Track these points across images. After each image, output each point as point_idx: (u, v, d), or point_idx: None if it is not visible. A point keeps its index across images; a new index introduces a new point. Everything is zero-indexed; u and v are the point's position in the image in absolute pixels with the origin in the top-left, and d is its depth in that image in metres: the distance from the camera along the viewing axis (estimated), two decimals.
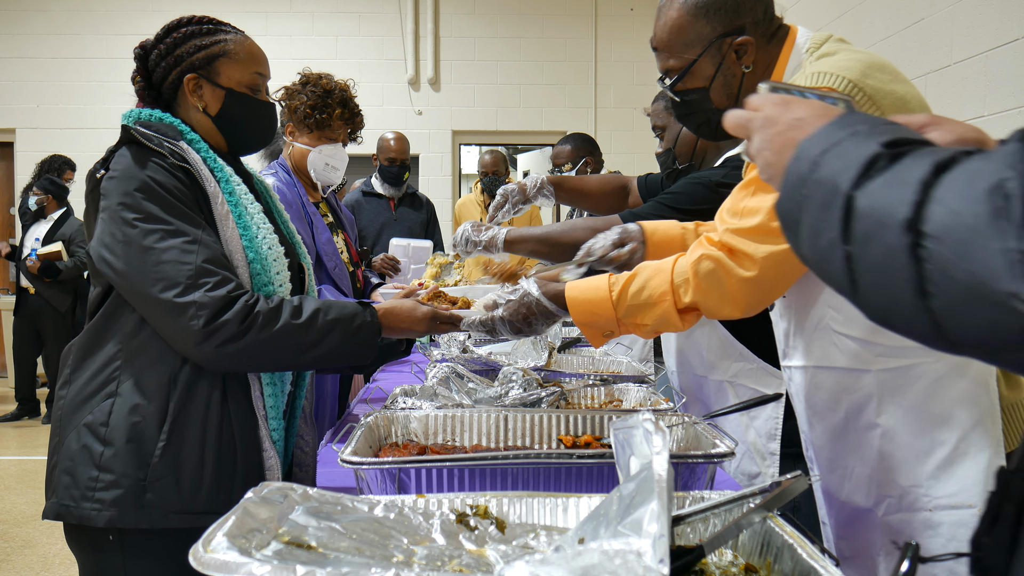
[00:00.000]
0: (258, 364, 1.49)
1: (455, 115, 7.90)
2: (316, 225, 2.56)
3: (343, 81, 2.63)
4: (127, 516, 1.40)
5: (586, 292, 1.51)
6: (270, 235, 1.54)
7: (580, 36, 7.91)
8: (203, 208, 1.47)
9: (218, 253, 1.44)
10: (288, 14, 7.74)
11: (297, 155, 2.61)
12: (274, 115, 1.69)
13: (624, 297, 1.46)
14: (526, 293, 1.57)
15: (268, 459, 1.51)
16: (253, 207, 1.54)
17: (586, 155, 3.69)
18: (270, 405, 1.53)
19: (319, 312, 1.49)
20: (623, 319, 1.48)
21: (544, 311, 1.55)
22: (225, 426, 1.47)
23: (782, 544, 0.95)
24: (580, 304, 1.51)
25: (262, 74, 1.63)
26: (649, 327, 1.47)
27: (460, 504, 1.06)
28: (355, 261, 2.78)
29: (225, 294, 1.41)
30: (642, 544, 0.74)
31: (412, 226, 4.52)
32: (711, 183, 1.99)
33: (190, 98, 1.58)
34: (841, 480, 1.41)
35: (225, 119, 1.60)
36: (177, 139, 1.50)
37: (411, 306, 1.64)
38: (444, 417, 1.63)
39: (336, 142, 2.60)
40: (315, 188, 2.68)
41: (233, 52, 1.58)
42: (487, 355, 2.41)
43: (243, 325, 1.41)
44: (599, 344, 1.56)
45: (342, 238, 2.73)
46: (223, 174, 1.52)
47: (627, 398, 1.99)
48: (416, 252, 4.14)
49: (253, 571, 0.77)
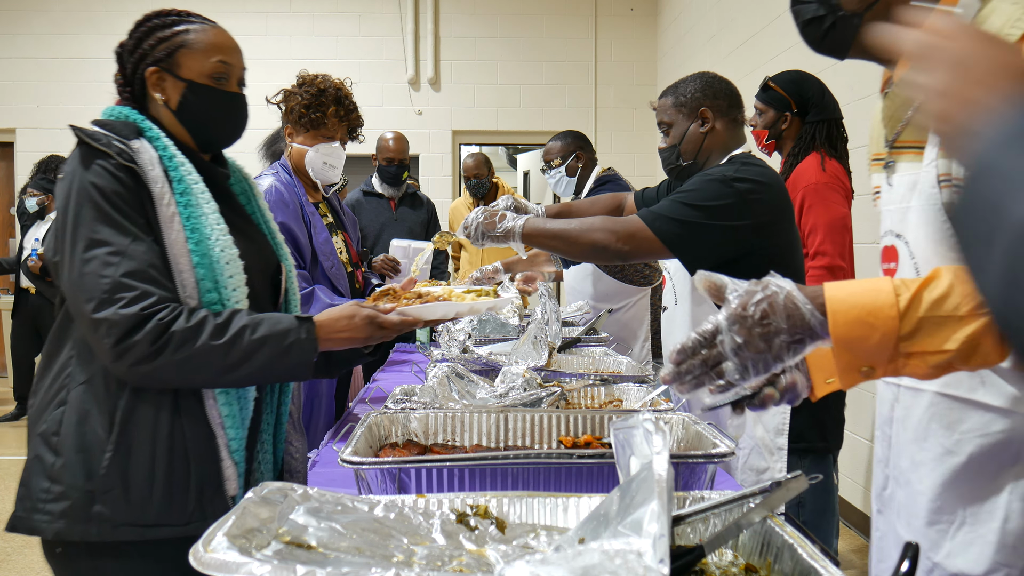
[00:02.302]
0: (178, 383, 1.41)
1: (455, 115, 7.90)
2: (314, 226, 2.56)
3: (338, 80, 2.62)
4: (75, 528, 1.36)
5: (857, 294, 1.01)
6: (223, 237, 1.45)
7: (580, 36, 7.91)
8: (148, 211, 1.41)
9: (145, 264, 1.37)
10: (288, 14, 7.73)
11: (296, 155, 2.62)
12: (242, 106, 1.60)
13: (917, 305, 1.00)
14: (769, 283, 1.02)
15: (226, 470, 1.45)
16: (209, 207, 1.46)
17: (576, 150, 3.66)
18: (226, 414, 1.45)
19: (245, 330, 1.40)
20: (907, 340, 1.00)
21: (794, 314, 1.00)
22: (176, 436, 1.41)
23: (782, 544, 0.95)
24: (847, 309, 1.00)
25: (226, 62, 1.54)
26: (947, 357, 0.99)
27: (460, 504, 1.06)
28: (355, 262, 2.77)
29: (137, 311, 1.33)
30: (642, 544, 0.74)
31: (412, 226, 4.52)
32: (725, 178, 1.98)
33: (152, 92, 1.52)
34: (941, 536, 1.17)
35: (185, 112, 1.53)
36: (131, 137, 1.44)
37: (350, 312, 1.52)
38: (444, 417, 1.63)
39: (333, 140, 2.60)
40: (316, 188, 2.69)
41: (193, 42, 1.52)
42: (487, 355, 2.41)
43: (154, 346, 1.34)
44: (850, 384, 1.05)
45: (342, 238, 2.73)
46: (177, 173, 1.45)
47: (627, 398, 1.99)
48: (416, 253, 4.14)
49: (253, 571, 0.77)
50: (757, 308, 1.00)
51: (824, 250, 2.66)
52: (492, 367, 2.31)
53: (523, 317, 3.25)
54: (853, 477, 3.87)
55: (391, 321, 1.54)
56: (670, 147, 2.22)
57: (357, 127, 2.68)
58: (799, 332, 0.99)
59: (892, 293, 1.00)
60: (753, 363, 0.99)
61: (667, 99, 2.22)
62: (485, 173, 5.07)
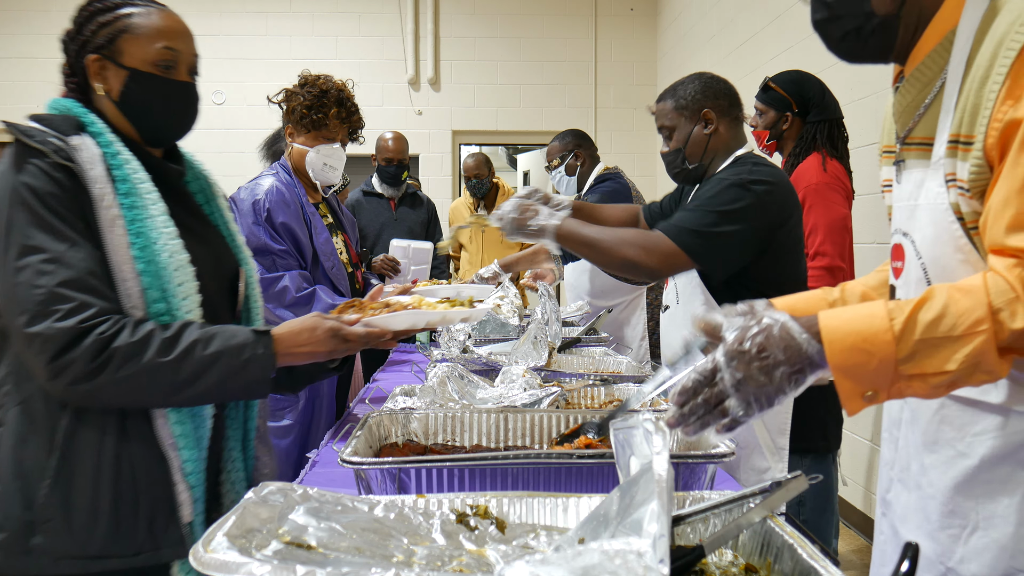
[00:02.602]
0: (122, 403, 1.30)
1: (455, 115, 7.90)
2: (315, 226, 2.57)
3: (340, 81, 2.61)
4: (12, 562, 1.26)
5: (852, 321, 1.02)
6: (172, 241, 1.34)
7: (580, 36, 7.90)
8: (88, 214, 1.30)
9: (83, 272, 1.25)
10: (288, 14, 7.73)
11: (296, 156, 2.61)
12: (192, 97, 1.47)
13: (912, 329, 0.99)
14: (764, 316, 1.03)
15: (179, 494, 1.34)
16: (156, 208, 1.34)
17: (574, 148, 3.67)
18: (179, 434, 1.34)
19: (197, 345, 1.29)
20: (906, 363, 0.99)
21: (791, 344, 1.00)
22: (123, 459, 1.30)
23: (782, 544, 0.95)
24: (842, 337, 1.00)
25: (173, 48, 1.42)
26: (949, 377, 1.00)
27: (460, 504, 1.06)
28: (355, 262, 2.78)
29: (74, 325, 1.22)
30: (642, 544, 0.74)
31: (412, 226, 4.52)
32: (742, 182, 1.98)
33: (93, 81, 1.41)
34: (953, 542, 1.15)
35: (128, 103, 1.41)
36: (69, 133, 1.32)
37: (312, 324, 1.41)
38: (444, 417, 1.63)
39: (333, 142, 2.59)
40: (315, 189, 2.69)
41: (136, 27, 1.39)
42: (487, 355, 2.41)
43: (94, 363, 1.22)
44: (855, 409, 1.04)
45: (342, 239, 2.73)
46: (121, 172, 1.33)
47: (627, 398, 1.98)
48: (416, 253, 4.15)
49: (253, 571, 0.77)
50: (753, 342, 1.01)
51: (824, 250, 2.67)
52: (492, 367, 2.31)
53: (523, 317, 3.25)
54: (853, 477, 3.87)
55: (356, 333, 1.45)
56: (674, 151, 2.20)
57: (358, 129, 2.67)
58: (798, 363, 1.00)
59: (886, 318, 1.00)
60: (756, 397, 1.00)
61: (667, 103, 2.20)
62: (486, 173, 5.07)
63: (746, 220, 1.96)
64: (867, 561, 3.55)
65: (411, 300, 1.72)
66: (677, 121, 2.19)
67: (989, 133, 1.05)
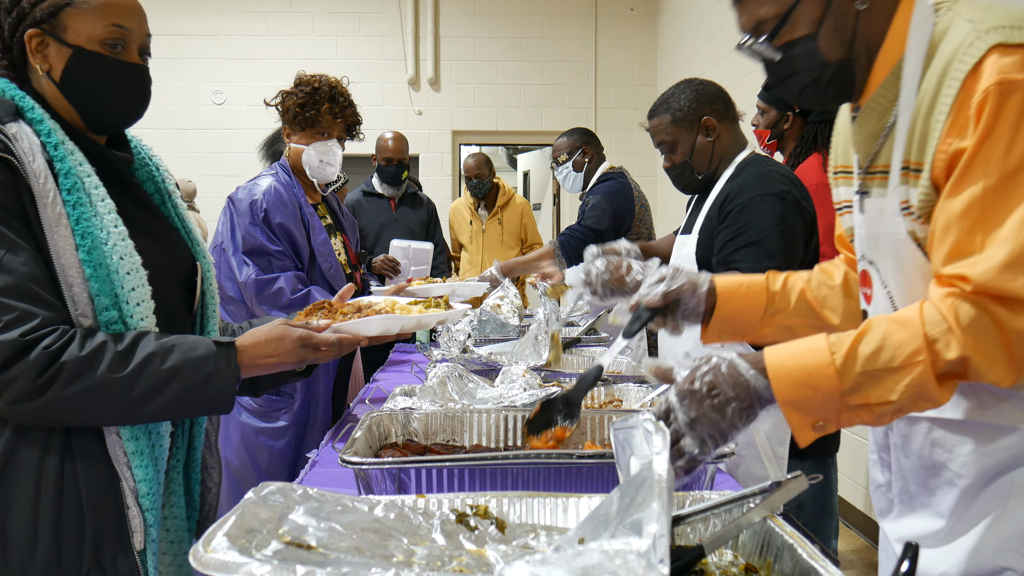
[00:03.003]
0: (71, 422, 1.19)
1: (455, 115, 7.90)
2: (313, 226, 2.56)
3: (334, 78, 2.60)
4: None
5: (795, 356, 1.05)
6: (122, 242, 1.22)
7: (580, 36, 7.90)
8: (29, 211, 1.18)
9: (24, 278, 1.14)
10: (288, 14, 7.73)
11: (293, 155, 2.60)
12: (142, 79, 1.34)
13: (853, 361, 1.03)
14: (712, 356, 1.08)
15: (132, 519, 1.23)
16: (104, 205, 1.23)
17: (582, 145, 3.68)
18: (132, 451, 1.23)
19: (154, 358, 1.18)
20: (850, 395, 1.03)
21: (739, 381, 1.04)
22: (67, 480, 1.19)
23: (782, 544, 0.95)
24: (787, 373, 1.04)
25: (122, 27, 1.28)
26: (893, 406, 1.03)
27: (460, 504, 1.06)
28: (353, 263, 2.77)
29: (16, 337, 1.11)
30: (642, 544, 0.74)
31: (412, 226, 4.52)
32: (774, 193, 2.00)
33: (32, 59, 1.27)
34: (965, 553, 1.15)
35: (71, 85, 1.27)
36: (6, 120, 1.20)
37: (279, 334, 1.31)
38: (444, 417, 1.63)
39: (328, 138, 2.56)
40: (315, 189, 2.69)
41: (82, 1, 1.26)
42: (487, 355, 2.41)
43: (39, 380, 1.12)
44: (806, 441, 1.06)
45: (340, 240, 2.73)
46: (64, 164, 1.21)
47: (627, 398, 1.98)
48: (416, 254, 4.15)
49: (253, 571, 0.77)
50: (703, 381, 1.05)
51: (823, 251, 2.67)
52: (492, 367, 2.31)
53: (523, 317, 3.25)
54: (853, 477, 3.87)
55: (325, 340, 1.35)
56: (681, 164, 2.18)
57: (355, 124, 2.64)
58: (748, 398, 1.04)
59: (827, 352, 1.04)
60: (710, 435, 1.04)
61: (662, 117, 2.18)
62: (487, 173, 5.08)
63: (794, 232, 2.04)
64: (867, 561, 3.55)
65: (383, 302, 1.64)
66: (677, 134, 2.16)
67: (935, 163, 1.06)
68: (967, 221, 1.02)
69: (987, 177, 1.01)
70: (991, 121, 1.00)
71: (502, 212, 5.19)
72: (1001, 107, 1.00)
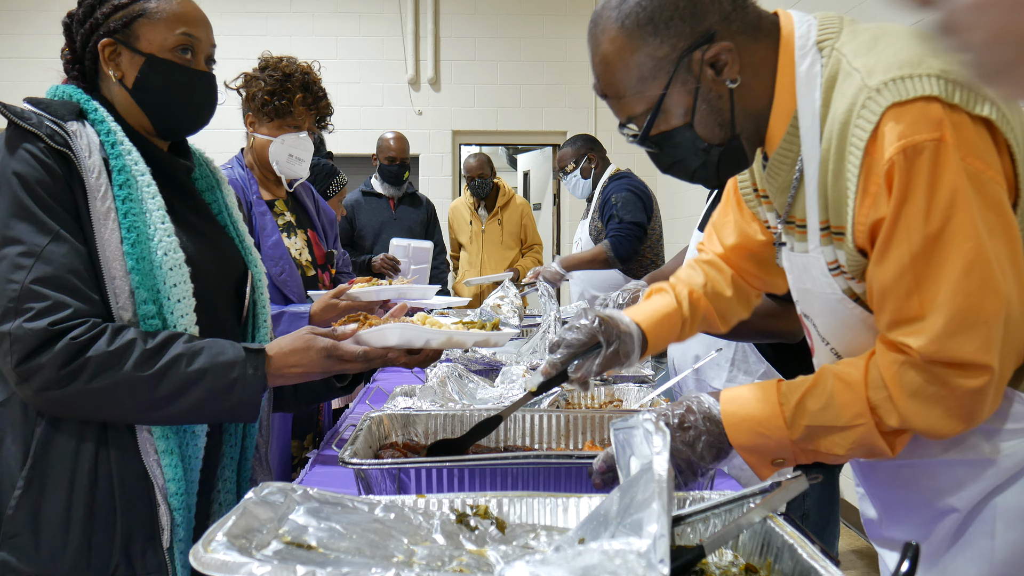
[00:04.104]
0: (94, 416, 1.20)
1: (455, 115, 7.89)
2: (263, 227, 2.28)
3: (305, 63, 2.33)
4: None
5: (747, 404, 1.11)
6: (167, 239, 1.24)
7: (580, 36, 7.85)
8: (80, 205, 1.21)
9: (63, 269, 1.16)
10: (288, 14, 7.73)
11: (258, 147, 2.32)
12: (210, 86, 1.42)
13: (801, 415, 1.07)
14: (684, 398, 1.16)
15: (161, 517, 1.23)
16: (154, 202, 1.25)
17: (587, 152, 3.75)
18: (162, 449, 1.23)
19: (180, 360, 1.19)
20: (801, 442, 1.08)
21: (708, 416, 1.11)
22: (101, 472, 1.20)
23: (782, 544, 0.95)
24: (739, 421, 1.10)
25: (192, 35, 1.35)
26: (841, 458, 1.09)
27: (460, 504, 1.06)
28: (320, 264, 2.46)
29: (45, 327, 1.13)
30: (642, 544, 0.74)
31: (412, 226, 4.52)
32: None
33: (105, 67, 1.32)
34: None
35: (143, 91, 1.33)
36: (68, 119, 1.24)
37: (304, 344, 1.28)
38: (444, 417, 1.63)
39: (300, 130, 2.30)
40: (278, 183, 2.40)
41: (154, 11, 1.32)
42: (487, 355, 2.41)
43: (64, 370, 1.13)
44: (766, 475, 1.10)
45: (303, 238, 2.43)
46: (119, 161, 1.25)
47: (627, 398, 1.99)
48: (416, 252, 4.15)
49: (253, 571, 0.77)
50: (674, 414, 1.13)
51: None
52: (492, 367, 2.32)
53: (523, 317, 3.25)
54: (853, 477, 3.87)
55: (352, 352, 1.30)
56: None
57: (326, 116, 2.39)
58: (717, 431, 1.11)
59: (777, 403, 1.09)
60: (680, 470, 1.11)
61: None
62: (488, 173, 5.08)
63: None
64: (867, 561, 3.55)
65: (418, 316, 1.52)
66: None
67: (856, 232, 1.05)
68: (901, 288, 1.01)
69: (911, 244, 1.00)
70: (903, 189, 0.98)
71: (502, 212, 5.19)
72: (910, 172, 0.97)
